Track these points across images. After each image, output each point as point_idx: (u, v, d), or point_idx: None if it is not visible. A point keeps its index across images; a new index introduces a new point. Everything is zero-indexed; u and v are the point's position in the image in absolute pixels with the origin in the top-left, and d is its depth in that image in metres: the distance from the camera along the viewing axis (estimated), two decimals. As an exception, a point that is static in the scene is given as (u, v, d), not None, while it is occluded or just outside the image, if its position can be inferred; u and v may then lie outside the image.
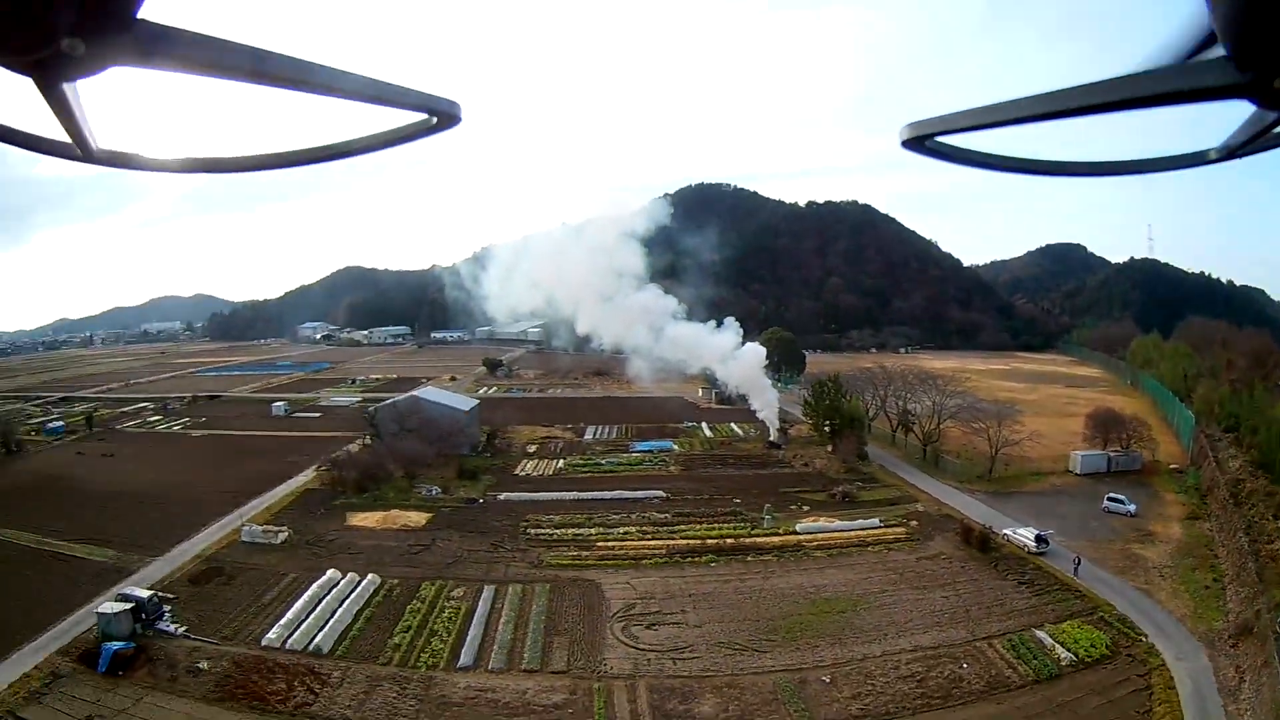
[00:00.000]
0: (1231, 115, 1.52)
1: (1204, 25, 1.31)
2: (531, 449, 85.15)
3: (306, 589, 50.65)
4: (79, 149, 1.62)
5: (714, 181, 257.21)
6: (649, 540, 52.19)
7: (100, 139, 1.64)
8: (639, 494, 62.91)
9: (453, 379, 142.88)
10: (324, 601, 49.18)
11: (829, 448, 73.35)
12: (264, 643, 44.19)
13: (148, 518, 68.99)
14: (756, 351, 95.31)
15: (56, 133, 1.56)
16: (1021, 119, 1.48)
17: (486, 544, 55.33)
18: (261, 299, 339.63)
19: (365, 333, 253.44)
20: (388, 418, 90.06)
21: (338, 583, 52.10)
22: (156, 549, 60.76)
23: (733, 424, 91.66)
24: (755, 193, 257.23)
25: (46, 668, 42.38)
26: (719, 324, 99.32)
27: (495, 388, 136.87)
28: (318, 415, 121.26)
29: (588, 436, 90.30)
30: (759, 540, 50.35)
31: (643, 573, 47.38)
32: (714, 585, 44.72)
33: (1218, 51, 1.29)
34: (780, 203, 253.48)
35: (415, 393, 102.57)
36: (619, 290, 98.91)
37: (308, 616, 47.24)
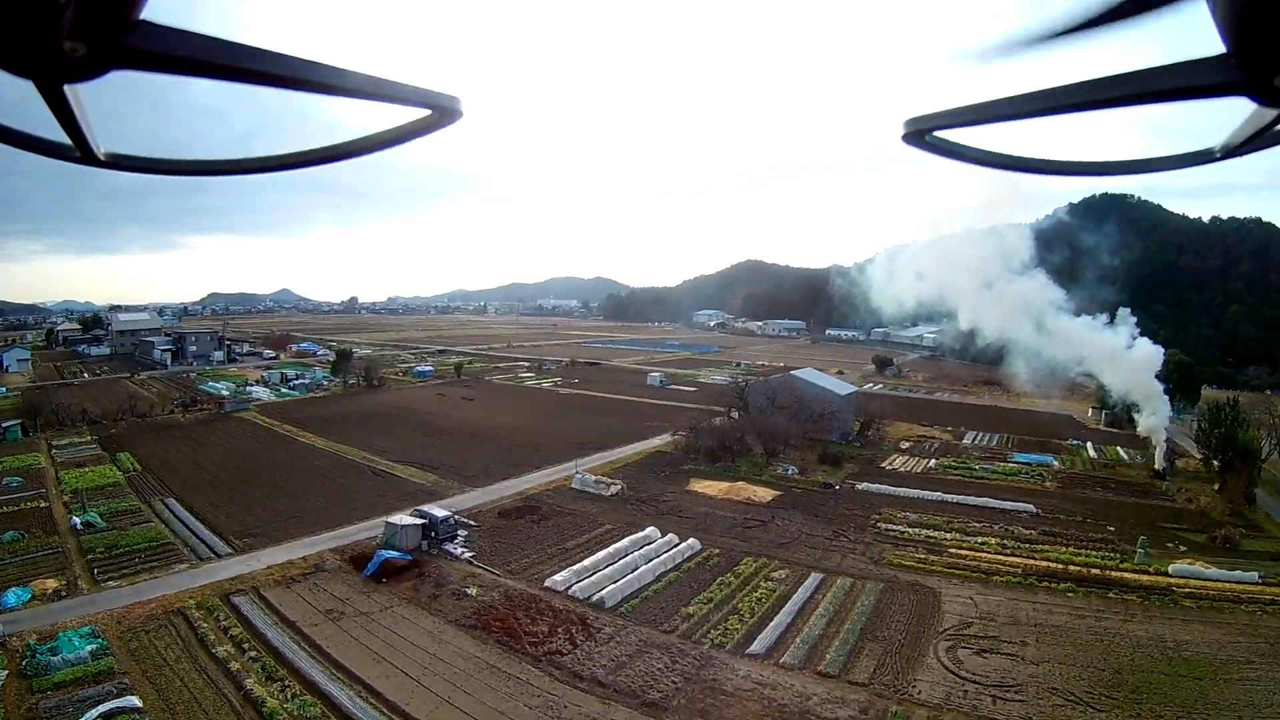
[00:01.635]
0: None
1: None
2: (905, 445, 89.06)
3: (617, 541, 50.57)
4: (80, 151, 1.74)
5: (1117, 192, 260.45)
6: (1007, 555, 51.35)
7: (101, 141, 1.77)
8: (1007, 505, 63.18)
9: (840, 373, 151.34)
10: (629, 556, 47.68)
11: (1215, 485, 72.04)
12: (547, 584, 43.74)
13: (482, 454, 76.02)
14: (1150, 353, 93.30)
15: (56, 134, 1.67)
16: (1022, 114, 1.63)
17: (829, 530, 55.87)
18: (660, 285, 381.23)
19: (759, 323, 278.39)
20: (759, 392, 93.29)
21: (653, 541, 50.96)
22: (479, 481, 66.03)
23: (1119, 448, 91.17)
24: (1159, 205, 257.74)
25: (314, 560, 47.48)
26: (1111, 320, 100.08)
27: (881, 385, 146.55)
28: (693, 389, 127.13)
29: (966, 441, 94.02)
30: (1126, 576, 48.07)
31: (990, 590, 45.65)
32: (1065, 618, 42.05)
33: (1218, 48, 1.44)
34: (1184, 218, 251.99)
35: (793, 371, 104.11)
36: (1003, 275, 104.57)
37: (605, 567, 45.79)
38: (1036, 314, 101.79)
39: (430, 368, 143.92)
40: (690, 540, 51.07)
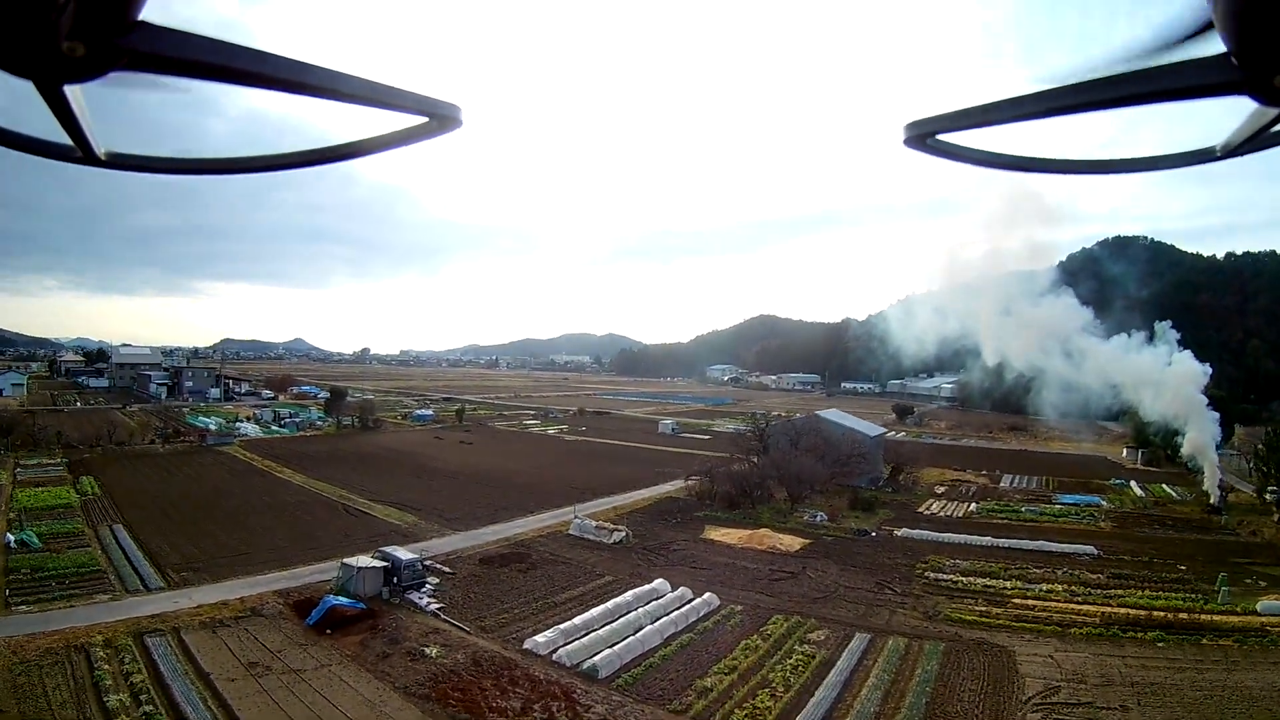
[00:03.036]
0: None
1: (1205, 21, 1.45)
2: (940, 490, 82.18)
3: (618, 595, 41.47)
4: (80, 151, 1.73)
5: (1131, 235, 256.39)
6: (1078, 603, 44.87)
7: (102, 141, 1.75)
8: (1066, 548, 57.03)
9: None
10: (631, 614, 38.30)
11: (1275, 516, 67.70)
12: (526, 645, 34.54)
13: (472, 497, 67.49)
14: (1193, 367, 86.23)
15: (58, 135, 1.67)
16: (1023, 116, 1.62)
17: (871, 582, 47.99)
18: (673, 341, 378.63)
19: (774, 377, 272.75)
20: (780, 433, 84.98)
21: (662, 595, 41.68)
22: (463, 524, 57.49)
23: (1164, 485, 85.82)
24: (1172, 246, 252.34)
25: (253, 602, 39.35)
26: (1151, 339, 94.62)
27: (904, 433, 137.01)
28: (706, 437, 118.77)
29: (1004, 484, 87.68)
30: (1215, 619, 42.28)
31: (1070, 645, 38.43)
32: (1163, 674, 35.26)
33: (1218, 48, 1.43)
34: (1199, 256, 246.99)
35: (818, 412, 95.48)
36: (1028, 298, 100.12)
37: (601, 627, 36.47)
38: (1065, 339, 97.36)
39: (430, 412, 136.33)
40: (706, 595, 41.79)
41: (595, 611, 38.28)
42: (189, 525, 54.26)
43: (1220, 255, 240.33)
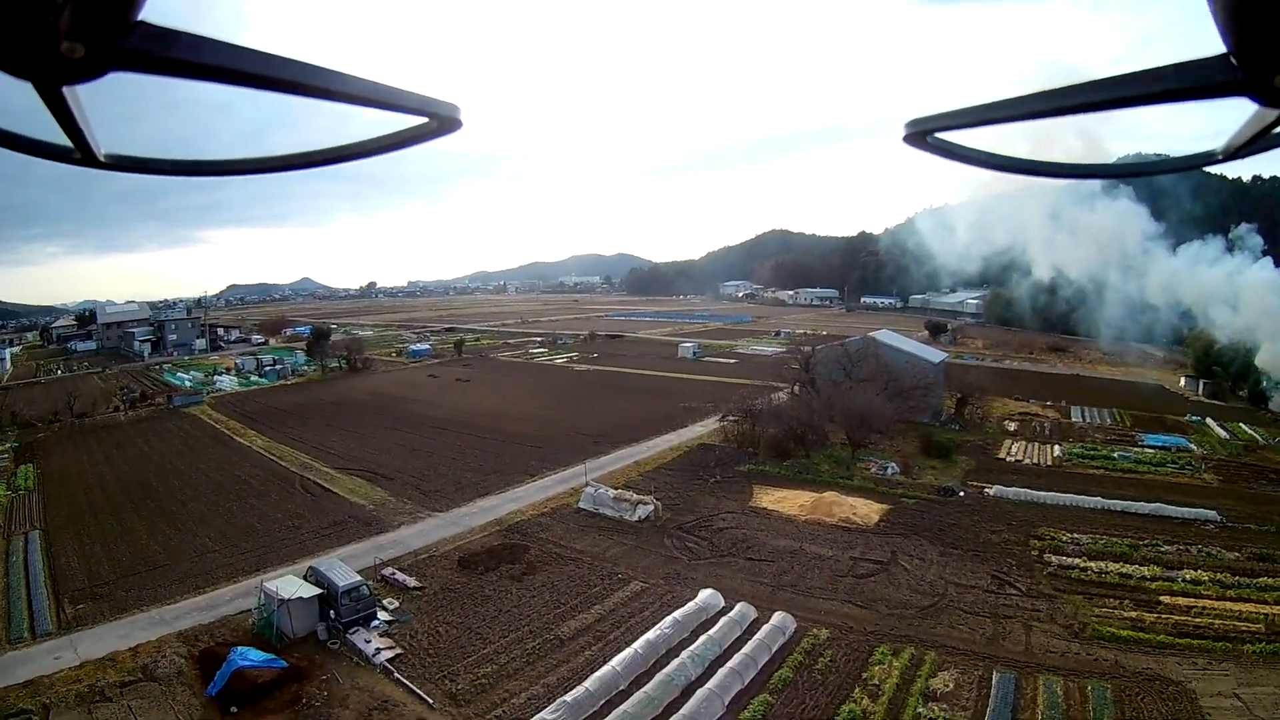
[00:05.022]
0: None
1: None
2: (1011, 426, 70.19)
3: (652, 625, 29.20)
4: (80, 152, 1.68)
5: (1153, 151, 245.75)
6: (1230, 600, 33.93)
7: (110, 140, 1.74)
8: (1185, 512, 45.57)
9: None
10: (676, 663, 26.17)
11: None
12: (521, 730, 22.42)
13: (461, 456, 55.71)
14: (1274, 277, 76.31)
15: (57, 136, 1.63)
16: (1024, 115, 1.60)
17: (984, 574, 35.81)
18: (684, 259, 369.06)
19: (790, 293, 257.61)
20: (830, 360, 70.71)
21: (713, 619, 29.55)
22: (444, 500, 45.92)
23: (1243, 424, 71.64)
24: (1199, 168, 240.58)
25: (149, 654, 28.87)
26: (1230, 249, 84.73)
27: (944, 355, 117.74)
28: (732, 362, 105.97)
29: (1075, 418, 75.24)
30: None
31: (1248, 671, 28.07)
32: None
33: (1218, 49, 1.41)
34: (1223, 178, 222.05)
35: (873, 334, 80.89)
36: (1078, 201, 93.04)
37: (629, 688, 24.51)
38: (1126, 252, 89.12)
39: (427, 346, 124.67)
40: (778, 617, 29.36)
41: (618, 662, 26.00)
42: (113, 522, 44.13)
43: (1246, 179, 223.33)
